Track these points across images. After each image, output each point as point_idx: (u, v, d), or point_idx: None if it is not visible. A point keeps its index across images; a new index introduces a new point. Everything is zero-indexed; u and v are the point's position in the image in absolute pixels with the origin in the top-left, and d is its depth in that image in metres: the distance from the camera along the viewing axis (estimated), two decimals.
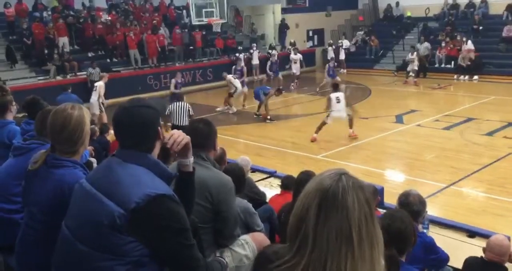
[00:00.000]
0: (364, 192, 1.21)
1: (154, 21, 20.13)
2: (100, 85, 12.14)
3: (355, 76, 20.17)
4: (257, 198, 4.50)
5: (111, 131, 7.67)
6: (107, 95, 12.39)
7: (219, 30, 21.59)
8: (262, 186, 5.71)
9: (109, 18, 19.71)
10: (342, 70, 22.10)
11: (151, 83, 18.15)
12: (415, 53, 18.47)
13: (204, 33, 20.88)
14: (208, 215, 2.55)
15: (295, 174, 4.35)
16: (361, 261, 1.16)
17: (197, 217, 2.35)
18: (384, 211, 3.86)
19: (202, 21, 20.62)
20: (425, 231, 4.20)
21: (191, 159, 2.09)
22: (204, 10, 20.60)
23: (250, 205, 3.55)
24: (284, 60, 20.37)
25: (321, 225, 1.16)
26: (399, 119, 12.54)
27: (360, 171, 8.59)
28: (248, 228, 3.27)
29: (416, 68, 18.07)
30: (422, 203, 3.58)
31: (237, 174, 3.65)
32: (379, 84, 18.24)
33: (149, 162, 1.86)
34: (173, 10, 22.17)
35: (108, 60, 18.36)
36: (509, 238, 3.81)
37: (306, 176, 3.86)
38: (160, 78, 18.49)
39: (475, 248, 4.15)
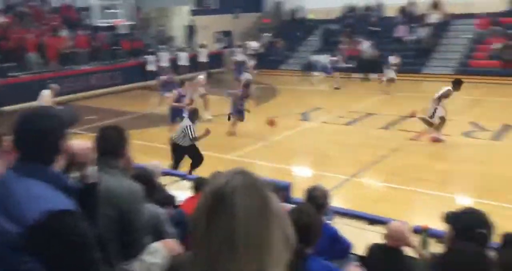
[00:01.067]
0: (259, 191, 1.12)
1: (55, 23, 19.10)
2: (43, 95, 11.37)
3: (263, 76, 20.64)
4: (168, 203, 4.47)
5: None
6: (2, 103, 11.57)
7: (125, 31, 20.99)
8: (174, 190, 5.68)
9: (6, 20, 18.37)
10: (254, 71, 22.48)
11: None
12: (398, 59, 17.17)
13: (109, 34, 20.22)
14: (115, 225, 2.48)
15: (207, 176, 4.38)
16: (247, 268, 1.05)
17: (104, 229, 2.27)
18: (293, 206, 4.02)
19: (107, 22, 19.95)
20: (329, 222, 4.45)
21: (92, 169, 2.04)
22: (108, 11, 19.93)
23: (160, 211, 3.51)
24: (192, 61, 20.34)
25: (210, 231, 1.08)
26: (305, 116, 13.07)
27: (270, 169, 8.86)
28: (159, 235, 3.22)
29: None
30: (326, 196, 3.84)
31: (146, 179, 3.59)
32: (285, 84, 18.85)
33: (49, 175, 1.77)
34: (74, 11, 21.18)
35: (4, 65, 17.09)
36: (406, 224, 4.10)
37: (201, 180, 3.91)
38: (63, 82, 17.55)
39: (377, 235, 4.42)
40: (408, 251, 3.60)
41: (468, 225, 2.77)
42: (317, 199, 3.80)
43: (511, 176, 8.01)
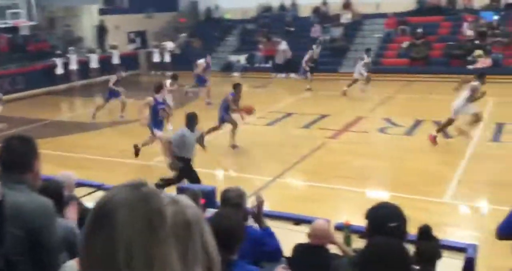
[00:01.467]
0: (149, 206, 1.03)
1: None
2: None
3: (181, 78, 20.26)
4: (83, 216, 4.16)
5: None
6: None
7: (28, 33, 19.67)
8: (90, 201, 5.32)
9: None
10: (168, 73, 22.05)
11: None
12: (370, 58, 16.12)
13: (10, 36, 18.82)
14: (25, 245, 2.27)
15: None
16: None
17: (13, 249, 2.10)
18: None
19: (7, 23, 18.50)
20: (254, 224, 4.37)
21: None
22: (8, 11, 18.50)
23: (74, 225, 3.27)
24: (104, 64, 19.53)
25: (91, 250, 1.00)
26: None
27: None
28: (74, 251, 3.00)
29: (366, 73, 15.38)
30: (240, 196, 3.82)
31: (55, 192, 3.33)
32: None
33: None
34: None
35: None
36: (329, 222, 4.12)
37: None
38: None
39: (302, 235, 4.42)
40: (332, 248, 3.62)
41: (381, 220, 2.85)
42: (231, 200, 3.82)
43: (423, 169, 8.43)
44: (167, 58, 22.13)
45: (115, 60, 20.12)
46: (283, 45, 20.47)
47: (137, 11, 23.25)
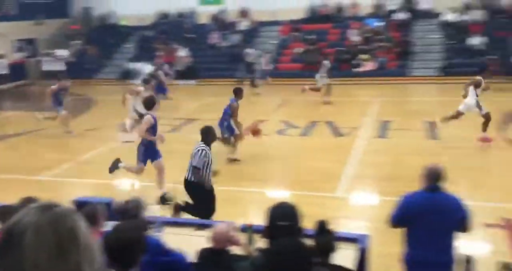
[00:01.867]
0: (58, 229, 1.01)
1: None
2: None
3: (77, 87, 19.33)
4: None
5: None
6: None
7: None
8: None
9: None
10: (66, 81, 20.92)
11: None
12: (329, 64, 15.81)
13: None
14: None
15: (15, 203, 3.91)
16: None
17: None
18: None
19: None
20: (158, 234, 4.32)
21: None
22: None
23: None
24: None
25: None
26: (126, 127, 12.57)
27: (92, 185, 8.35)
28: None
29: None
30: (139, 207, 3.78)
31: None
32: (102, 94, 17.96)
33: None
34: None
35: None
36: (231, 224, 4.18)
37: (6, 209, 3.53)
38: None
39: (205, 240, 4.45)
40: (237, 250, 3.70)
41: (273, 219, 2.96)
42: (130, 211, 3.77)
43: (318, 167, 8.89)
44: (61, 67, 21.03)
45: (2, 70, 18.73)
46: (183, 52, 20.41)
47: (26, 18, 21.82)
